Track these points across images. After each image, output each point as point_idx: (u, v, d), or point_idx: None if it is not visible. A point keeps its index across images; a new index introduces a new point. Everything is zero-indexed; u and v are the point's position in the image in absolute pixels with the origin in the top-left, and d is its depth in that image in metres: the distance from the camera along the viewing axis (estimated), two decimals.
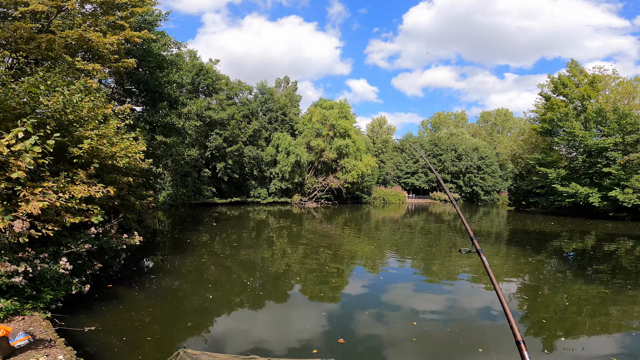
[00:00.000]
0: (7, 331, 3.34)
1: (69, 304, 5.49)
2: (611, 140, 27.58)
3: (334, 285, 8.46)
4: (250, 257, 11.44)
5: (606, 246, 14.99)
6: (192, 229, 17.65)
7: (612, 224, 23.71)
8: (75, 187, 5.80)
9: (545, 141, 34.83)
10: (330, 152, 42.32)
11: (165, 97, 14.86)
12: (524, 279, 9.50)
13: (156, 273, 8.92)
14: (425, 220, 28.99)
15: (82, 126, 6.28)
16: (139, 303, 6.43)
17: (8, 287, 4.47)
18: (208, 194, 34.53)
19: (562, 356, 4.95)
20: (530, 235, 19.30)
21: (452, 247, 14.69)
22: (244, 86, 40.04)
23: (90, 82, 7.52)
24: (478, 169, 59.37)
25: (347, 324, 6.03)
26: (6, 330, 3.32)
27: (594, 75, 31.68)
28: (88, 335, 4.54)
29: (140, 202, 9.56)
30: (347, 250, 13.66)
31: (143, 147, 7.76)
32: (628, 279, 9.34)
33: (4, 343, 3.32)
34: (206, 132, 34.41)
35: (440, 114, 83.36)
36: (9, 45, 8.47)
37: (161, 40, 15.79)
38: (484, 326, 6.13)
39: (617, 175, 26.31)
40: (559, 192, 29.79)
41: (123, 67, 10.61)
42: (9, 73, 6.89)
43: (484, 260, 2.73)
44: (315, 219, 26.57)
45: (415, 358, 4.88)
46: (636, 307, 7.09)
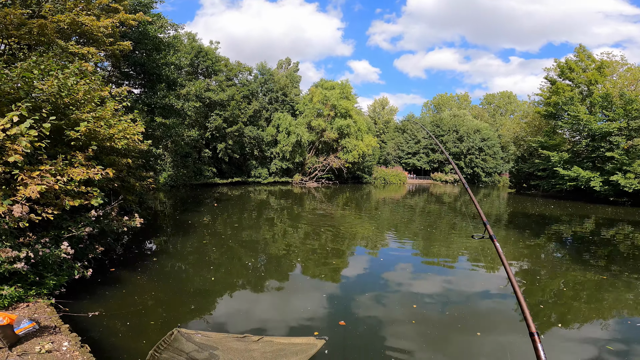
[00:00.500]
0: (12, 319, 3.34)
1: (72, 289, 5.52)
2: (616, 125, 27.27)
3: (335, 267, 8.54)
4: (252, 238, 11.51)
5: (605, 231, 15.05)
6: (193, 210, 17.71)
7: (612, 209, 23.76)
8: (74, 170, 5.73)
9: (549, 124, 34.48)
10: (331, 132, 42.02)
11: (163, 79, 14.69)
12: (522, 262, 9.57)
13: (158, 255, 8.98)
14: (425, 201, 29.07)
15: (79, 109, 6.15)
16: (141, 286, 6.49)
17: (11, 274, 4.47)
18: (209, 175, 34.53)
19: (557, 341, 5.03)
20: (530, 218, 19.37)
21: (451, 229, 14.78)
22: (244, 67, 39.50)
23: (85, 65, 7.32)
24: (480, 150, 59.09)
25: (348, 305, 6.12)
26: (11, 318, 3.33)
27: (602, 61, 31.06)
28: (92, 321, 4.58)
29: (141, 184, 9.51)
30: (348, 231, 13.74)
31: (141, 129, 7.67)
32: (625, 265, 9.39)
33: (9, 331, 3.33)
34: (206, 113, 34.13)
35: (442, 96, 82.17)
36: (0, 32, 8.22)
37: (157, 22, 15.44)
38: (483, 310, 6.22)
39: (619, 160, 26.16)
40: (560, 176, 29.74)
41: (119, 50, 10.45)
42: (1, 59, 6.71)
43: (497, 247, 2.65)
44: (316, 199, 26.65)
45: (415, 340, 4.96)
46: (631, 293, 7.16)
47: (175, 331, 3.77)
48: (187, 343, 3.67)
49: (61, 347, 3.43)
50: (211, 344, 3.72)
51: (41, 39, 8.40)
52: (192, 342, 3.71)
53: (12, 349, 3.28)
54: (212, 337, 3.87)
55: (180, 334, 3.78)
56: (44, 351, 3.32)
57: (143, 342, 4.31)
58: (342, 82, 45.15)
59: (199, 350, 3.61)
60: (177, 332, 3.76)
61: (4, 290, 4.26)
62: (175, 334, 3.73)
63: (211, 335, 3.91)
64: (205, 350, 3.61)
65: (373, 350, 4.63)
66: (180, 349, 3.54)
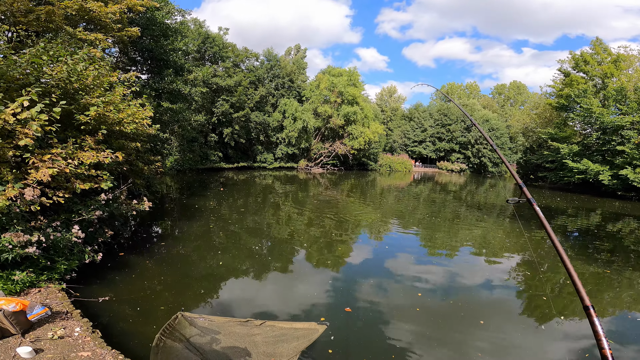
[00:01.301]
0: (25, 305, 3.40)
1: (83, 273, 5.62)
2: (629, 118, 26.71)
3: (339, 253, 8.62)
4: (257, 223, 11.60)
5: (611, 225, 14.93)
6: (200, 194, 17.83)
7: (619, 203, 23.53)
8: (84, 154, 5.77)
9: (560, 116, 33.90)
10: (337, 118, 41.71)
11: (170, 65, 14.67)
12: (525, 254, 9.57)
13: (166, 240, 9.10)
14: (430, 189, 28.97)
15: (88, 94, 6.13)
16: (150, 271, 6.59)
17: (22, 259, 4.54)
18: (215, 159, 34.62)
19: (556, 334, 5.08)
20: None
21: (455, 218, 14.76)
22: (251, 53, 39.23)
23: (93, 51, 7.27)
24: None
25: (353, 292, 6.21)
26: (24, 304, 3.38)
27: (619, 54, 30.23)
28: (102, 306, 4.68)
29: (149, 168, 9.55)
30: (352, 218, 13.79)
31: (150, 113, 7.66)
32: (628, 260, 9.36)
33: (22, 317, 3.39)
34: (213, 99, 34.06)
35: (451, 85, 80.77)
36: (7, 19, 8.21)
37: (165, 8, 15.28)
38: (486, 299, 6.28)
39: (630, 154, 25.75)
40: (569, 168, 29.40)
41: (127, 36, 10.41)
42: (9, 46, 6.69)
43: (538, 211, 2.44)
44: (321, 185, 26.67)
45: (419, 328, 5.05)
46: (633, 289, 7.16)
47: (179, 315, 3.79)
48: (189, 327, 3.71)
49: (73, 333, 3.51)
50: (214, 328, 3.77)
51: (49, 26, 8.36)
52: (194, 326, 3.75)
53: (25, 336, 3.35)
54: (215, 321, 3.90)
55: (184, 317, 3.80)
56: (56, 337, 3.39)
57: (153, 327, 4.40)
58: (350, 69, 44.55)
59: (201, 334, 3.65)
60: (180, 315, 3.79)
61: (15, 275, 4.33)
62: (179, 318, 3.76)
63: (214, 319, 3.93)
64: (207, 334, 3.66)
65: (377, 337, 4.70)
66: (182, 333, 3.57)
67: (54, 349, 3.27)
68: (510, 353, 4.58)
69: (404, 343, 4.58)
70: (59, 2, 8.85)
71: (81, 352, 3.25)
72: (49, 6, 8.48)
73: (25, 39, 8.13)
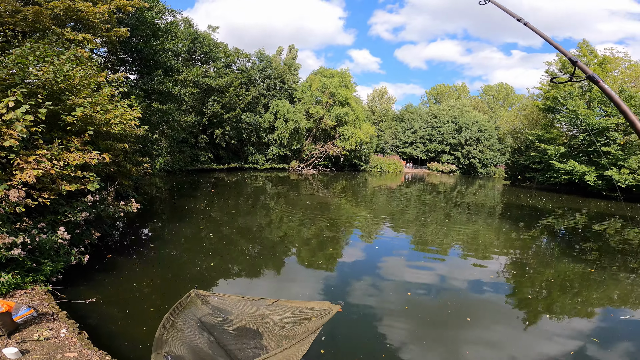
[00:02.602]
0: (10, 306, 3.36)
1: (69, 275, 5.55)
2: (614, 120, 27.32)
3: (331, 254, 8.66)
4: (248, 224, 11.57)
5: (596, 225, 15.26)
6: (190, 196, 17.69)
7: (604, 203, 24.04)
8: (70, 155, 5.72)
9: (547, 118, 34.52)
10: (329, 119, 41.83)
11: (160, 65, 14.56)
12: (514, 254, 9.74)
13: (155, 241, 9.02)
14: (421, 190, 29.22)
15: (75, 94, 6.07)
16: (139, 273, 6.53)
17: (8, 260, 4.48)
18: (205, 160, 34.37)
19: (543, 333, 5.17)
20: (524, 210, 19.59)
21: (446, 219, 14.93)
22: (242, 54, 39.10)
23: (81, 51, 7.20)
24: (477, 141, 59.11)
25: (345, 293, 6.26)
26: (9, 305, 3.35)
27: (605, 57, 30.92)
28: (89, 308, 4.63)
29: (137, 169, 9.46)
30: (344, 219, 13.85)
31: (138, 114, 7.60)
32: (613, 259, 9.57)
33: (8, 319, 3.35)
34: (203, 99, 33.86)
35: (441, 86, 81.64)
36: None
37: (155, 8, 15.15)
38: (474, 298, 6.38)
39: (615, 155, 26.34)
40: (555, 169, 29.93)
41: (115, 36, 10.33)
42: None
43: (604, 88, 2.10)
44: (313, 186, 26.70)
45: (409, 326, 5.13)
46: (618, 288, 7.33)
47: (193, 292, 3.73)
48: (202, 306, 3.66)
49: (59, 334, 3.48)
50: (225, 308, 3.73)
51: (36, 26, 8.27)
52: (206, 305, 3.68)
53: (11, 337, 3.32)
54: (227, 300, 3.83)
55: (197, 295, 3.74)
56: (43, 338, 3.36)
57: (143, 328, 4.37)
58: (342, 71, 44.72)
59: (212, 314, 3.61)
60: (194, 293, 3.72)
61: (1, 277, 4.27)
62: (192, 296, 3.69)
63: (227, 298, 3.86)
64: (219, 314, 3.61)
65: (369, 337, 4.75)
66: (194, 313, 3.52)
67: (40, 350, 3.25)
68: (498, 351, 4.66)
69: (395, 342, 4.64)
70: (46, 3, 8.75)
71: (67, 353, 3.22)
72: (37, 6, 8.39)
73: (11, 39, 8.02)
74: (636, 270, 8.71)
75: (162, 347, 2.71)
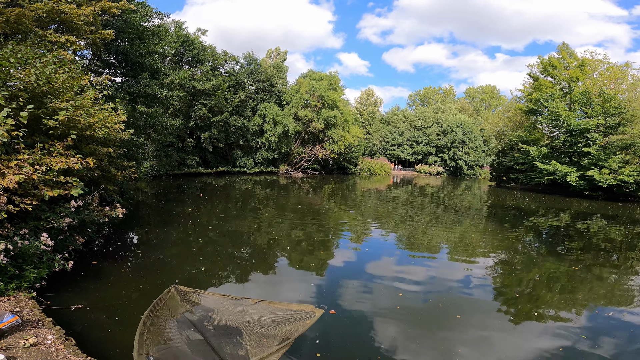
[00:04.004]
0: None
1: (54, 282, 5.41)
2: (594, 121, 28.13)
3: (321, 257, 8.66)
4: (237, 228, 11.48)
5: (580, 224, 15.66)
6: (177, 200, 17.47)
7: (586, 203, 24.69)
8: (52, 159, 5.58)
9: (530, 120, 35.33)
10: (317, 122, 41.96)
11: (146, 68, 14.31)
12: (500, 254, 9.91)
13: (142, 247, 8.86)
14: (409, 192, 29.51)
15: (57, 98, 5.94)
16: (126, 279, 6.41)
17: None
18: (192, 164, 33.99)
19: (531, 330, 5.27)
20: (509, 210, 19.98)
21: (433, 220, 15.10)
22: (230, 57, 38.95)
23: (64, 54, 7.05)
24: (462, 143, 60.15)
25: (336, 295, 6.28)
26: None
27: (584, 59, 31.82)
28: (75, 314, 4.52)
29: (122, 173, 9.29)
30: (333, 222, 13.87)
31: (123, 118, 7.46)
32: (597, 257, 9.81)
33: None
34: (190, 102, 33.55)
35: (428, 89, 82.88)
36: None
37: (142, 11, 14.93)
38: (463, 297, 6.47)
39: (596, 156, 27.08)
40: (539, 169, 30.63)
41: (100, 38, 10.11)
42: None
43: None
44: (302, 189, 26.68)
45: (401, 327, 5.19)
46: (601, 285, 7.53)
47: (172, 288, 3.63)
48: (182, 302, 3.57)
49: (45, 341, 3.40)
50: (206, 305, 3.64)
51: (19, 28, 8.07)
52: (186, 302, 3.60)
53: None
54: (208, 297, 3.74)
55: (177, 291, 3.64)
56: (29, 345, 3.28)
57: (132, 334, 4.27)
58: (330, 74, 44.98)
59: (193, 310, 3.53)
60: (174, 289, 3.62)
61: None
62: (172, 292, 3.60)
63: (208, 295, 3.77)
64: (199, 311, 3.53)
65: (363, 339, 4.77)
66: (175, 309, 3.43)
67: (27, 357, 3.18)
68: (489, 348, 4.73)
69: (388, 343, 4.67)
70: (29, 4, 8.56)
71: (55, 359, 3.15)
72: (19, 8, 8.19)
73: None
74: (619, 267, 8.97)
75: (143, 347, 2.66)
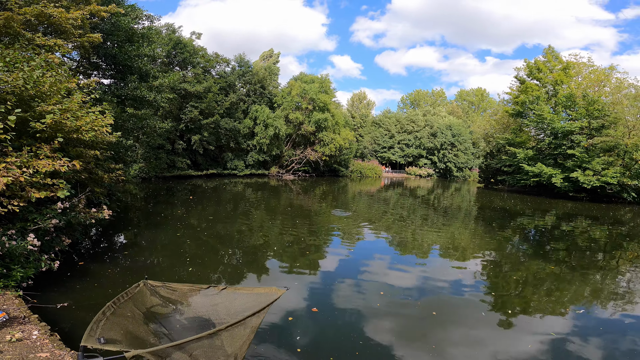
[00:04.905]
0: None
1: (40, 281, 5.49)
2: (578, 124, 28.77)
3: (311, 259, 8.77)
4: (228, 231, 11.56)
5: (565, 225, 15.98)
6: (167, 203, 17.48)
7: (571, 204, 25.21)
8: (40, 162, 5.68)
9: (516, 122, 35.97)
10: (308, 125, 42.17)
11: (135, 71, 14.33)
12: (489, 255, 10.13)
13: (130, 249, 8.91)
14: (400, 194, 29.84)
15: (44, 101, 6.03)
16: (113, 280, 6.48)
17: None
18: (182, 166, 33.89)
19: (518, 332, 5.40)
20: (497, 212, 20.38)
21: (424, 221, 15.36)
22: (222, 59, 38.97)
23: (51, 57, 7.13)
24: (452, 145, 60.92)
25: (322, 295, 6.39)
26: None
27: (568, 62, 32.48)
28: (61, 312, 4.61)
29: (109, 176, 9.36)
30: (324, 224, 14.02)
31: (110, 121, 7.53)
32: (581, 258, 10.00)
33: None
34: (181, 105, 33.48)
35: (419, 91, 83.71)
36: None
37: (132, 13, 14.96)
38: (450, 297, 6.63)
39: (580, 158, 27.67)
40: (525, 171, 31.17)
41: (88, 41, 10.17)
42: None
43: None
44: (293, 192, 26.80)
45: (383, 325, 5.31)
46: (586, 285, 7.70)
47: (142, 283, 3.62)
48: (151, 297, 3.57)
49: (31, 336, 3.51)
50: (175, 298, 3.66)
51: (7, 31, 8.11)
52: (156, 296, 3.59)
53: None
54: (177, 290, 3.74)
55: (146, 286, 3.62)
56: (15, 340, 3.40)
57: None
58: (322, 76, 45.23)
59: (162, 304, 3.54)
60: (142, 284, 3.61)
61: None
62: (141, 287, 3.58)
63: (176, 288, 3.77)
64: (168, 305, 3.56)
65: (343, 336, 4.89)
66: (142, 303, 3.42)
67: (13, 351, 3.29)
68: (476, 347, 4.84)
69: (369, 340, 4.79)
70: (18, 8, 8.61)
71: (40, 353, 3.27)
72: (8, 12, 8.23)
73: None
74: (604, 267, 9.17)
75: (96, 330, 2.71)
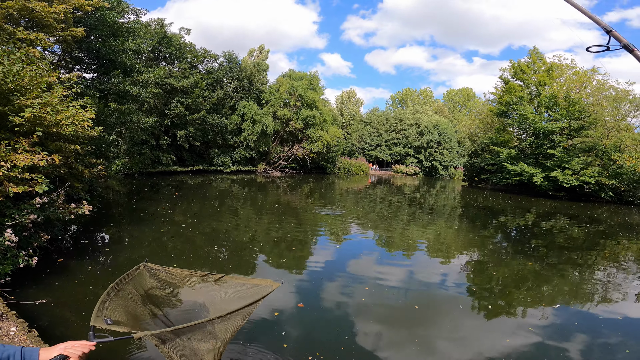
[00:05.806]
0: None
1: (18, 278, 5.35)
2: (558, 124, 29.55)
3: (298, 255, 8.80)
4: (213, 227, 11.46)
5: (544, 223, 16.43)
6: (151, 199, 17.19)
7: (551, 203, 25.93)
8: (18, 156, 5.55)
9: (500, 122, 36.72)
10: (296, 122, 42.07)
11: (119, 65, 14.02)
12: (472, 253, 10.34)
13: (112, 246, 8.74)
14: (386, 192, 30.12)
15: (24, 95, 5.87)
16: (94, 277, 6.36)
17: None
18: (167, 162, 33.31)
19: (497, 326, 5.54)
20: (480, 210, 20.81)
21: (410, 219, 15.57)
22: (209, 54, 38.43)
23: (32, 51, 6.91)
24: (438, 144, 61.77)
25: (308, 290, 6.43)
26: None
27: (552, 64, 33.28)
28: (40, 309, 4.51)
29: (90, 171, 9.15)
30: (311, 220, 14.05)
31: (91, 115, 7.36)
32: (560, 255, 10.29)
33: None
34: (166, 100, 32.90)
35: (407, 90, 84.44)
36: None
37: (117, 7, 14.59)
38: (434, 294, 6.75)
39: (559, 158, 28.49)
40: (507, 170, 31.91)
41: (71, 35, 9.89)
42: None
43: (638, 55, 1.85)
44: (280, 189, 26.74)
45: (367, 320, 5.37)
46: (564, 281, 7.94)
47: (142, 266, 3.62)
48: (150, 279, 3.59)
49: (9, 332, 3.43)
50: (174, 282, 3.70)
51: None
52: (155, 279, 3.63)
53: None
54: (175, 274, 3.77)
55: (146, 269, 3.63)
56: None
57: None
58: (311, 74, 45.14)
59: (160, 287, 3.57)
60: (143, 266, 3.62)
61: None
62: (141, 269, 3.59)
63: (175, 272, 3.80)
64: (167, 288, 3.61)
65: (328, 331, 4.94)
66: (141, 285, 3.44)
67: None
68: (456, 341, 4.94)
69: (354, 335, 4.86)
70: (0, 2, 8.31)
71: None
72: None
73: None
74: (582, 265, 9.46)
75: (102, 311, 2.74)
